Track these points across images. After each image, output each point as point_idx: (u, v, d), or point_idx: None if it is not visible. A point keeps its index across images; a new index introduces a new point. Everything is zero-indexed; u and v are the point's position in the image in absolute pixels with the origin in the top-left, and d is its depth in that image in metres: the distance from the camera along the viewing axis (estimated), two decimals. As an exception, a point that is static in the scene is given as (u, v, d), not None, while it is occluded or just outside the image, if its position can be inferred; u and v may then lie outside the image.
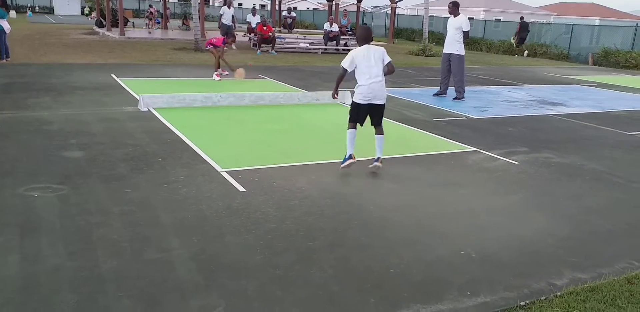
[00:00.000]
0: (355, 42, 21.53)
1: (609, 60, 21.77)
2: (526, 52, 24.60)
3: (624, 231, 4.28)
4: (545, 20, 35.92)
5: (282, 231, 3.85)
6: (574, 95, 12.28)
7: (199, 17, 18.53)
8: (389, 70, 5.28)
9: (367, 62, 5.17)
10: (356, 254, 3.59)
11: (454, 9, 10.23)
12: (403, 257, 3.58)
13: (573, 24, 25.42)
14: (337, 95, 5.65)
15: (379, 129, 5.40)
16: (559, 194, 5.09)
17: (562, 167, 5.99)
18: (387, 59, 5.28)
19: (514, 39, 25.19)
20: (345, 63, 5.22)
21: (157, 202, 4.27)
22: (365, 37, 5.38)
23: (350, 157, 5.25)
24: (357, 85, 5.26)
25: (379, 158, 5.34)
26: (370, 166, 5.32)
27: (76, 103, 8.04)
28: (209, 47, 11.33)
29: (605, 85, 14.81)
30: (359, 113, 5.30)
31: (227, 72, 11.57)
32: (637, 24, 23.61)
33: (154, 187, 4.59)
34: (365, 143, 5.56)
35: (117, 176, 4.84)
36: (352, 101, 5.34)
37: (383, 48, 5.36)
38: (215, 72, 11.31)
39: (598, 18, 45.01)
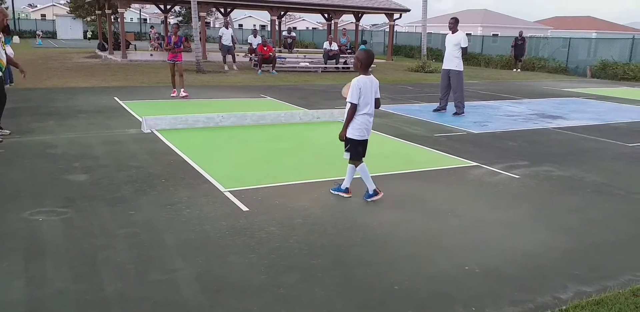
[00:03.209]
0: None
1: (607, 72, 21.93)
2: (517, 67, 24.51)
3: (627, 243, 4.28)
4: (542, 35, 36.31)
5: (285, 250, 3.86)
6: (573, 108, 12.36)
7: (200, 38, 18.80)
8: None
9: (371, 95, 4.80)
10: (360, 271, 3.60)
11: (455, 25, 10.39)
12: (406, 273, 3.59)
13: (570, 38, 25.66)
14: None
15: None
16: (560, 207, 5.10)
17: (563, 180, 6.01)
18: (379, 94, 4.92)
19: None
20: (354, 97, 4.71)
21: (161, 224, 4.30)
22: (369, 62, 4.78)
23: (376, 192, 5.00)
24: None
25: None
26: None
27: (79, 126, 8.12)
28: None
29: (604, 97, 14.90)
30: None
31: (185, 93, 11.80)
32: (633, 36, 23.86)
33: (157, 209, 4.63)
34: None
35: (121, 198, 4.87)
36: (352, 138, 4.90)
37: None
38: (178, 89, 11.66)
39: (595, 31, 45.39)
